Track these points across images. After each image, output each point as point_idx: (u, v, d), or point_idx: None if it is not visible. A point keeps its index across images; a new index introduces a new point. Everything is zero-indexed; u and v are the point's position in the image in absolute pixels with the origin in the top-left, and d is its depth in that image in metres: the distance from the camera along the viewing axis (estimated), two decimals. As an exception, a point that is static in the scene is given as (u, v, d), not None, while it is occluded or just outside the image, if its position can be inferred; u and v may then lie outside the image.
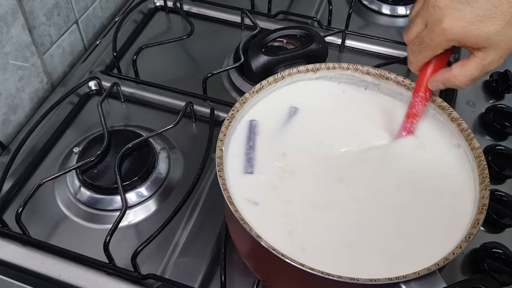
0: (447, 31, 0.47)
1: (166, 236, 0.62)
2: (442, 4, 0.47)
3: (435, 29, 0.48)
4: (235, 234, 0.54)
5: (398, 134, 0.56)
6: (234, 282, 0.58)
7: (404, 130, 0.56)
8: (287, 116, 0.58)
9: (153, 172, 0.67)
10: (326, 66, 0.59)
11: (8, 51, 0.69)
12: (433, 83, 0.53)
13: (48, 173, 0.67)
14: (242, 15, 0.90)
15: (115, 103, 0.79)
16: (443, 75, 0.52)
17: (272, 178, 0.52)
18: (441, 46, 0.49)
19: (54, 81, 0.81)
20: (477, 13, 0.46)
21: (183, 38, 0.83)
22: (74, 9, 0.83)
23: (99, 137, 0.69)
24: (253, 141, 0.55)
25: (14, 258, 0.59)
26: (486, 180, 0.48)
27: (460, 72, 0.50)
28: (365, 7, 0.96)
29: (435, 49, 0.50)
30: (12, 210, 0.65)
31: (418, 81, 0.54)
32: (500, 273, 0.58)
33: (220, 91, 0.80)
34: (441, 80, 0.52)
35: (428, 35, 0.50)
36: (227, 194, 0.47)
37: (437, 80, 0.52)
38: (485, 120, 0.75)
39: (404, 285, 0.42)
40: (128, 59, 0.85)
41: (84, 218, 0.64)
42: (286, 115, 0.58)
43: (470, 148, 0.52)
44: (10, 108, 0.72)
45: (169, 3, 0.94)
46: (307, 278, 0.43)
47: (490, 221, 0.63)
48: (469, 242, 0.44)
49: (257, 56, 0.63)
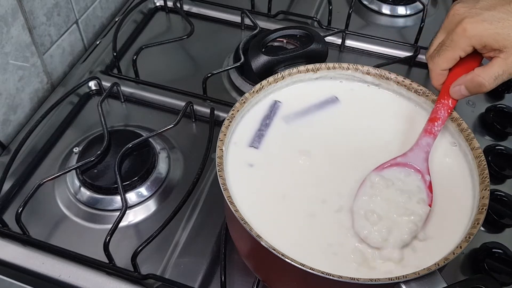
0: (468, 29, 0.48)
1: (166, 236, 0.62)
2: (462, 11, 0.49)
3: (455, 29, 0.49)
4: (235, 234, 0.54)
5: (420, 137, 0.53)
6: (234, 282, 0.58)
7: (425, 132, 0.53)
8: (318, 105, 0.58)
9: (153, 172, 0.67)
10: (326, 66, 0.59)
11: (8, 51, 0.69)
12: (456, 88, 0.52)
13: (48, 173, 0.67)
14: (242, 15, 0.90)
15: (115, 103, 0.79)
16: (466, 76, 0.51)
17: (274, 160, 0.53)
18: (461, 46, 0.49)
19: (54, 81, 0.81)
20: (496, 16, 0.47)
21: (183, 38, 0.83)
22: (74, 9, 0.83)
23: (99, 137, 0.69)
24: (270, 119, 0.56)
25: (14, 258, 0.59)
26: (486, 180, 0.48)
27: (483, 71, 0.50)
28: (365, 7, 0.96)
29: (455, 49, 0.50)
30: (12, 210, 0.65)
31: (442, 89, 0.53)
32: (500, 273, 0.58)
33: (220, 91, 0.80)
34: (463, 82, 0.51)
35: (449, 37, 0.50)
36: (227, 194, 0.47)
37: (460, 84, 0.51)
38: (485, 120, 0.75)
39: (404, 285, 0.42)
40: (128, 59, 0.85)
41: (84, 218, 0.64)
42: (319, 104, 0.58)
43: (470, 148, 0.52)
44: (10, 108, 0.72)
45: (169, 3, 0.94)
46: (307, 278, 0.43)
47: (490, 221, 0.63)
48: (469, 242, 0.44)
49: (257, 56, 0.63)
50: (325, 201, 0.50)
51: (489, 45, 0.48)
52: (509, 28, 0.47)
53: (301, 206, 0.50)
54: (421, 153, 0.52)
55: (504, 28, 0.47)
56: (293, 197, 0.51)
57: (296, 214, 0.50)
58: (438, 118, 0.53)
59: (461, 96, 0.52)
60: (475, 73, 0.50)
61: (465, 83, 0.51)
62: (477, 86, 0.50)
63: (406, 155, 0.52)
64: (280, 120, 0.57)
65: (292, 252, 0.44)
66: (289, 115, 0.57)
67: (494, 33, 0.47)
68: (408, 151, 0.52)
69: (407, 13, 0.95)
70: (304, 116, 0.58)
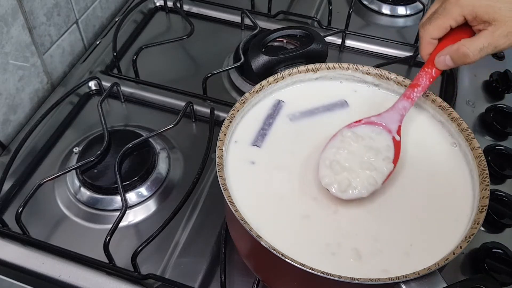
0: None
1: (166, 236, 0.62)
2: None
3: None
4: (235, 234, 0.54)
5: (397, 100, 0.55)
6: (234, 282, 0.58)
7: (404, 96, 0.54)
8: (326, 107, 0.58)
9: (153, 172, 0.67)
10: (326, 66, 0.59)
11: (8, 51, 0.69)
12: (441, 58, 0.52)
13: (48, 173, 0.67)
14: (242, 15, 0.90)
15: (115, 103, 0.79)
16: (452, 46, 0.51)
17: (276, 159, 0.53)
18: (453, 15, 0.50)
19: (54, 81, 0.81)
20: None
21: (183, 38, 0.83)
22: (74, 9, 0.83)
23: (99, 137, 0.69)
24: (273, 119, 0.56)
25: (14, 258, 0.59)
26: (486, 180, 0.48)
27: (469, 41, 0.50)
28: (365, 7, 0.96)
29: (446, 17, 0.50)
30: (12, 210, 0.65)
31: (429, 58, 0.54)
32: (500, 273, 0.58)
33: (220, 91, 0.80)
34: (448, 52, 0.51)
35: (442, 5, 0.50)
36: (227, 194, 0.47)
37: (445, 53, 0.52)
38: (485, 120, 0.75)
39: (404, 285, 0.42)
40: (128, 59, 0.85)
41: (84, 218, 0.64)
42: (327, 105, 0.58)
43: (470, 148, 0.52)
44: (10, 108, 0.72)
45: (169, 3, 0.94)
46: (307, 278, 0.43)
47: (490, 221, 0.63)
48: (469, 242, 0.44)
49: (257, 56, 0.63)
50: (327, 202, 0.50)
51: (479, 16, 0.49)
52: (501, 2, 0.48)
53: (301, 207, 0.50)
54: (396, 115, 0.54)
55: (497, 2, 0.48)
56: (293, 197, 0.51)
57: (296, 215, 0.50)
58: (419, 85, 0.54)
59: (445, 66, 0.53)
60: (461, 43, 0.50)
61: (450, 53, 0.51)
62: (461, 57, 0.51)
63: (381, 116, 0.54)
64: (283, 120, 0.57)
65: (292, 252, 0.43)
66: (294, 114, 0.57)
67: (486, 5, 0.48)
68: (384, 112, 0.54)
69: (407, 13, 0.95)
70: (310, 117, 0.58)
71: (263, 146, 0.54)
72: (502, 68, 0.80)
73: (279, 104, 0.57)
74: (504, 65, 0.83)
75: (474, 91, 0.79)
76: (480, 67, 0.83)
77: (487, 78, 0.81)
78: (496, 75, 0.79)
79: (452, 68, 0.53)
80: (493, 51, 0.50)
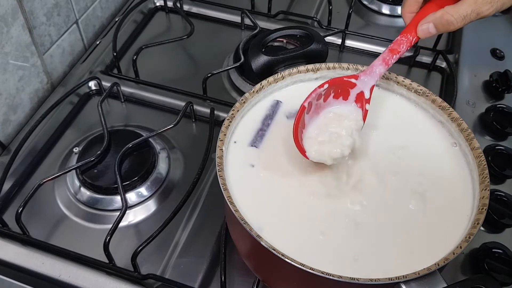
0: None
1: (166, 236, 0.62)
2: None
3: None
4: (235, 234, 0.54)
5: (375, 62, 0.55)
6: (234, 282, 0.58)
7: (382, 60, 0.55)
8: None
9: (153, 172, 0.67)
10: (326, 66, 0.59)
11: (8, 51, 0.69)
12: (424, 26, 0.52)
13: (48, 173, 0.67)
14: (242, 15, 0.90)
15: (115, 103, 0.79)
16: (435, 14, 0.51)
17: (274, 159, 0.53)
18: None
19: (54, 81, 0.81)
20: None
21: (183, 38, 0.83)
22: (74, 9, 0.83)
23: (99, 137, 0.69)
24: (271, 119, 0.56)
25: (14, 258, 0.59)
26: (486, 180, 0.48)
27: (453, 8, 0.50)
28: (365, 7, 0.96)
29: None
30: (12, 210, 0.65)
31: (410, 23, 0.54)
32: (500, 273, 0.58)
33: (220, 91, 0.80)
34: (432, 19, 0.51)
35: None
36: (227, 194, 0.47)
37: (428, 21, 0.52)
38: (485, 120, 0.75)
39: (404, 285, 0.42)
40: (128, 59, 0.85)
41: (84, 218, 0.64)
42: None
43: (470, 148, 0.52)
44: (10, 108, 0.72)
45: (169, 3, 0.94)
46: (307, 278, 0.43)
47: (490, 221, 0.63)
48: (469, 242, 0.44)
49: (257, 56, 0.63)
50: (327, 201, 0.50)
51: None
52: None
53: (301, 206, 0.50)
54: (371, 80, 0.55)
55: None
56: (293, 197, 0.51)
57: (296, 214, 0.50)
58: (398, 52, 0.54)
59: (428, 34, 0.53)
60: (445, 10, 0.50)
61: (434, 21, 0.51)
62: (445, 24, 0.51)
63: (360, 78, 0.55)
64: (281, 120, 0.57)
65: (292, 252, 0.43)
66: (291, 113, 0.57)
67: None
68: (362, 73, 0.55)
69: (407, 13, 0.95)
70: None
71: (261, 146, 0.54)
72: (502, 68, 0.80)
73: (277, 104, 0.57)
74: (504, 65, 0.83)
75: (474, 91, 0.79)
76: (480, 67, 0.83)
77: (487, 78, 0.81)
78: (496, 75, 0.79)
79: (434, 35, 0.53)
80: (476, 18, 0.50)
